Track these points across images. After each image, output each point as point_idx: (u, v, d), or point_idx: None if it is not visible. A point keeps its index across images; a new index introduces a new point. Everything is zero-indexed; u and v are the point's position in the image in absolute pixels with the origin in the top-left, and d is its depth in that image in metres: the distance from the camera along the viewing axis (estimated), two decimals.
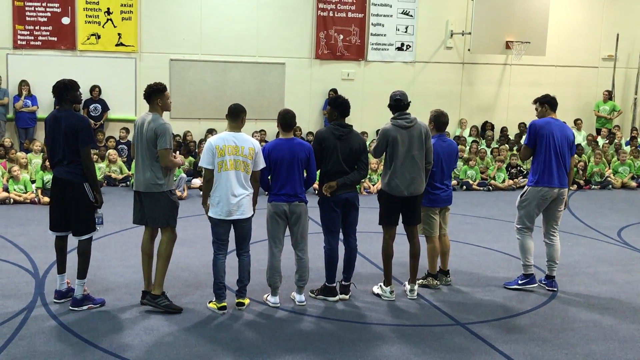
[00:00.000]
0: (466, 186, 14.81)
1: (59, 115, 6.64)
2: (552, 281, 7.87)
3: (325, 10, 16.85)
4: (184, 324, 6.49)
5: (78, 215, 6.69)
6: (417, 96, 17.53)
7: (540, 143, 7.60)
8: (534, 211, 7.72)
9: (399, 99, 7.20)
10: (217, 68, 16.29)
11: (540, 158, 7.62)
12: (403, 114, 7.19)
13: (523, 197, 7.77)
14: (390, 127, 7.14)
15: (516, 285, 7.80)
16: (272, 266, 6.98)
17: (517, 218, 7.85)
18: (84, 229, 6.74)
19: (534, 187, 7.65)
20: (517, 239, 7.85)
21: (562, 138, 7.63)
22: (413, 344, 6.17)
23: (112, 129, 15.46)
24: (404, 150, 7.07)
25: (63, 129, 6.54)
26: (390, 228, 7.34)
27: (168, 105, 6.86)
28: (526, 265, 7.78)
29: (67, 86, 6.68)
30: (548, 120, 7.67)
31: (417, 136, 7.13)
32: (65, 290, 6.91)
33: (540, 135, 7.58)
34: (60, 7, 15.11)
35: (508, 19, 16.95)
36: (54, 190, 6.78)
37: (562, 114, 18.34)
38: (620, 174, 16.07)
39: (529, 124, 7.77)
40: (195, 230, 9.84)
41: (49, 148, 6.77)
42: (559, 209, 7.76)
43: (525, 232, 7.77)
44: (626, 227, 11.33)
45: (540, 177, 7.60)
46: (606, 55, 19.21)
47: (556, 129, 7.61)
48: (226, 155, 6.60)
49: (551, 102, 7.78)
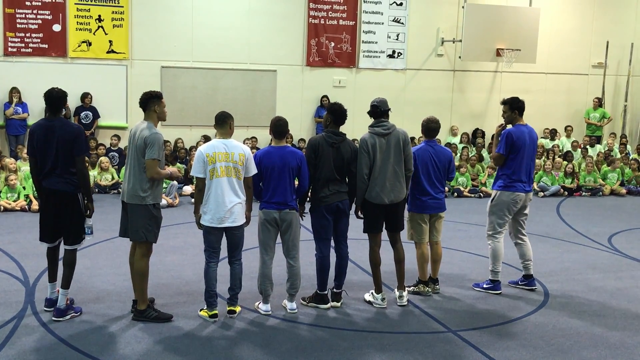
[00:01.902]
0: (457, 193, 14.84)
1: (52, 124, 6.54)
2: (532, 280, 7.97)
3: (316, 18, 16.89)
4: (175, 332, 6.47)
5: (70, 226, 6.65)
6: (409, 103, 17.67)
7: (513, 152, 7.68)
8: (505, 216, 7.79)
9: (375, 105, 7.20)
10: (209, 75, 16.30)
11: (512, 164, 7.69)
12: (381, 121, 7.18)
13: (494, 202, 7.82)
14: (367, 136, 7.14)
15: (481, 289, 7.89)
16: (264, 274, 6.97)
17: (488, 224, 7.91)
18: (75, 239, 6.71)
19: (504, 192, 7.72)
20: (489, 245, 7.89)
21: (530, 145, 7.77)
22: (405, 351, 6.17)
23: (102, 137, 15.42)
24: (382, 157, 7.08)
25: (57, 138, 6.46)
26: (375, 235, 7.34)
27: (164, 113, 6.77)
28: (494, 272, 7.85)
29: (64, 96, 6.64)
30: (521, 130, 7.72)
31: (394, 143, 7.13)
32: (56, 298, 6.85)
33: (516, 145, 7.66)
34: (51, 14, 15.10)
35: (499, 26, 17.04)
36: (45, 202, 6.68)
37: (552, 121, 18.63)
38: (609, 180, 16.14)
39: (505, 133, 7.74)
40: (186, 238, 9.81)
41: (39, 158, 6.59)
42: (525, 212, 7.90)
43: (496, 238, 7.82)
44: (617, 234, 11.37)
45: (511, 182, 7.69)
46: (596, 63, 19.32)
47: (527, 137, 7.73)
48: (217, 163, 6.59)
49: (521, 109, 7.84)
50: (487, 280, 7.93)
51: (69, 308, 6.77)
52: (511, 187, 7.69)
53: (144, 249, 6.72)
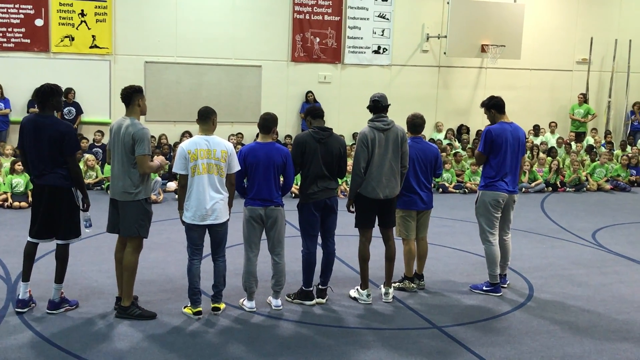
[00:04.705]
0: (442, 189, 14.86)
1: (42, 121, 6.46)
2: (504, 278, 7.97)
3: (301, 13, 16.84)
4: (159, 329, 6.42)
5: (66, 220, 6.59)
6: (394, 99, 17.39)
7: (494, 150, 7.59)
8: (492, 215, 7.69)
9: (377, 100, 7.18)
10: (193, 71, 16.21)
11: (494, 164, 7.60)
12: (380, 116, 7.18)
13: (477, 204, 7.76)
14: (367, 130, 7.12)
15: (480, 291, 7.81)
16: (248, 271, 6.93)
17: (479, 227, 7.82)
18: (67, 234, 6.65)
19: (486, 192, 7.65)
20: (484, 249, 7.82)
21: (514, 142, 7.63)
22: (390, 348, 6.15)
23: (85, 132, 15.29)
24: (380, 152, 7.07)
25: (48, 136, 6.39)
26: (366, 231, 7.33)
27: (145, 107, 6.76)
28: (492, 276, 7.76)
29: (54, 91, 6.54)
30: (503, 127, 7.62)
31: (393, 139, 7.12)
32: (28, 299, 6.75)
33: (496, 143, 7.56)
34: (33, 8, 14.96)
35: (483, 22, 17.08)
36: (39, 198, 6.59)
37: (537, 117, 18.69)
38: (596, 176, 16.22)
39: (485, 131, 7.69)
40: (170, 235, 9.75)
41: (33, 157, 6.49)
42: (510, 213, 7.84)
43: (490, 242, 7.70)
44: (601, 229, 11.42)
45: (493, 182, 7.60)
46: (580, 59, 19.42)
47: (509, 135, 7.60)
48: (199, 160, 6.54)
49: (497, 106, 7.70)
50: (485, 282, 7.84)
51: (64, 301, 6.73)
52: (492, 186, 7.60)
53: (135, 244, 6.67)
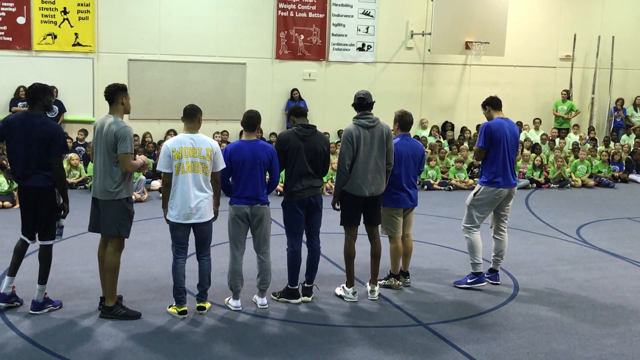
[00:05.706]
0: (427, 186, 14.88)
1: (32, 120, 6.41)
2: (496, 275, 8.01)
3: (285, 10, 16.78)
4: (144, 329, 6.37)
5: (47, 221, 6.55)
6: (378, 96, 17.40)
7: (494, 145, 7.68)
8: (486, 210, 7.80)
9: (362, 97, 7.17)
10: (177, 68, 16.12)
11: (494, 159, 7.69)
12: (366, 113, 7.17)
13: (477, 197, 7.80)
14: (352, 127, 7.11)
15: (465, 285, 7.83)
16: (234, 269, 6.90)
17: (466, 217, 7.88)
18: (50, 235, 6.61)
19: (488, 188, 7.71)
20: (466, 238, 7.86)
21: (511, 138, 7.80)
22: (376, 345, 6.15)
23: (69, 131, 15.09)
24: (365, 150, 7.06)
25: (37, 136, 6.34)
26: (352, 228, 7.32)
27: (129, 105, 6.70)
28: (475, 264, 7.83)
29: (45, 89, 6.51)
30: (500, 122, 7.77)
31: (378, 136, 7.12)
32: (10, 294, 6.71)
33: (495, 138, 7.67)
34: (15, 6, 14.80)
35: (467, 19, 17.10)
36: (25, 199, 6.58)
37: (521, 113, 18.75)
38: (578, 172, 16.30)
39: (483, 126, 7.79)
40: (155, 234, 9.70)
41: (20, 156, 6.43)
42: (507, 206, 7.90)
43: (474, 230, 7.81)
44: (585, 225, 11.49)
45: (495, 177, 7.68)
46: (564, 56, 19.48)
47: (507, 130, 7.75)
48: (183, 158, 6.49)
49: (492, 103, 7.95)
50: (469, 274, 7.88)
51: (47, 301, 6.69)
52: (494, 183, 7.68)
53: (116, 244, 6.61)
